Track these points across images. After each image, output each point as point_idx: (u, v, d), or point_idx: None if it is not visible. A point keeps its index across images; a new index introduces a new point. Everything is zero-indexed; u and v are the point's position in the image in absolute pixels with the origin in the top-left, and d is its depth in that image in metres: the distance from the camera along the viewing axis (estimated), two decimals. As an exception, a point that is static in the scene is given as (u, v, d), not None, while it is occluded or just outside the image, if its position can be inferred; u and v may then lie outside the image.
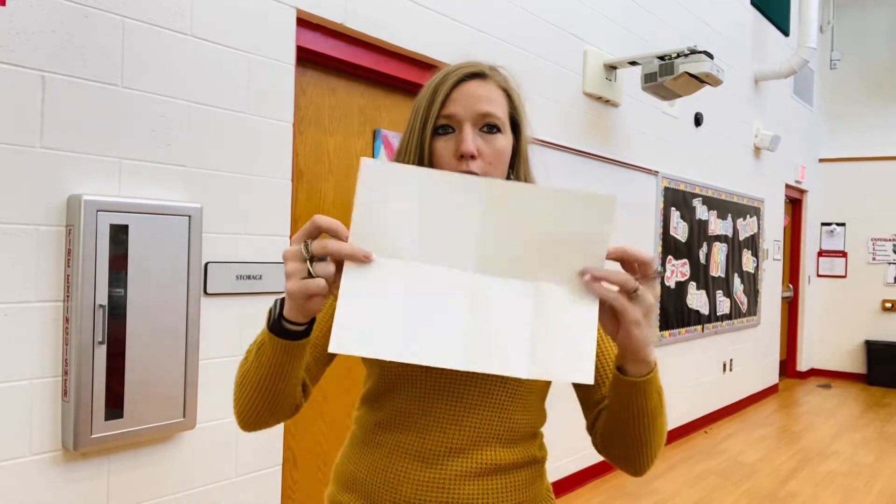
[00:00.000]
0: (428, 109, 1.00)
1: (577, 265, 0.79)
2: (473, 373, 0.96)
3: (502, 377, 0.98)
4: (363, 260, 0.79)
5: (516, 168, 1.06)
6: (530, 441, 1.03)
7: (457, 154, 0.97)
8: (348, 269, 0.78)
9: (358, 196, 0.78)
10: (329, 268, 0.79)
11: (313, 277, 0.79)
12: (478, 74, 1.02)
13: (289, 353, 0.88)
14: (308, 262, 0.79)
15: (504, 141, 1.01)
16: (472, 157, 0.97)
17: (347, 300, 0.78)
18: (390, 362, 0.98)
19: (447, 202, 0.79)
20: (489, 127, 0.99)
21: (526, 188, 0.80)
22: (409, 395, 0.99)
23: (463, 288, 0.79)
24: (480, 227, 0.79)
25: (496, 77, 1.03)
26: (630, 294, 0.81)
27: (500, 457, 0.98)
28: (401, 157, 1.03)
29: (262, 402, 0.92)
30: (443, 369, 0.97)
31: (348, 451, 1.07)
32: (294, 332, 0.86)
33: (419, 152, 1.00)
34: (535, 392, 1.03)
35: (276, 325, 0.86)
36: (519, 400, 1.01)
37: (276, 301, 0.88)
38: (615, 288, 0.81)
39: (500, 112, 1.01)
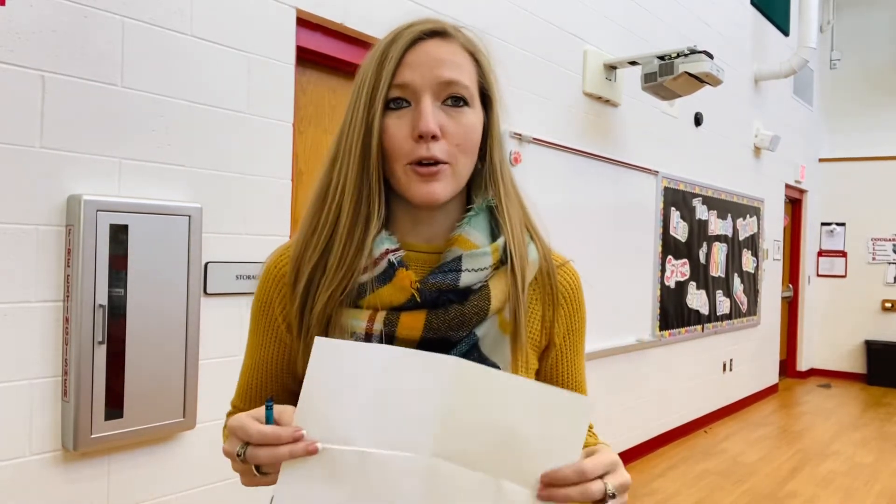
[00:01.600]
0: (376, 78, 0.80)
1: (543, 468, 0.70)
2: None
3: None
4: (306, 454, 0.69)
5: (489, 152, 0.87)
6: None
7: (414, 134, 0.78)
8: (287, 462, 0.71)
9: (308, 376, 0.70)
10: (273, 467, 0.71)
11: (262, 473, 0.72)
12: (438, 33, 0.82)
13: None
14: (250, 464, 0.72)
15: (473, 117, 0.82)
16: (434, 137, 0.78)
17: (286, 497, 0.71)
18: None
19: (407, 383, 0.71)
20: (454, 99, 0.80)
21: (498, 376, 0.72)
22: None
23: (416, 474, 0.70)
24: (443, 411, 0.70)
25: (461, 38, 0.84)
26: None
27: None
28: (342, 140, 0.83)
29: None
30: None
31: None
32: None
33: (365, 133, 0.80)
34: None
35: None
36: None
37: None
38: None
39: (468, 80, 0.82)
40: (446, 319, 0.80)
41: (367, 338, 0.80)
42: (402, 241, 0.85)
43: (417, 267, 0.84)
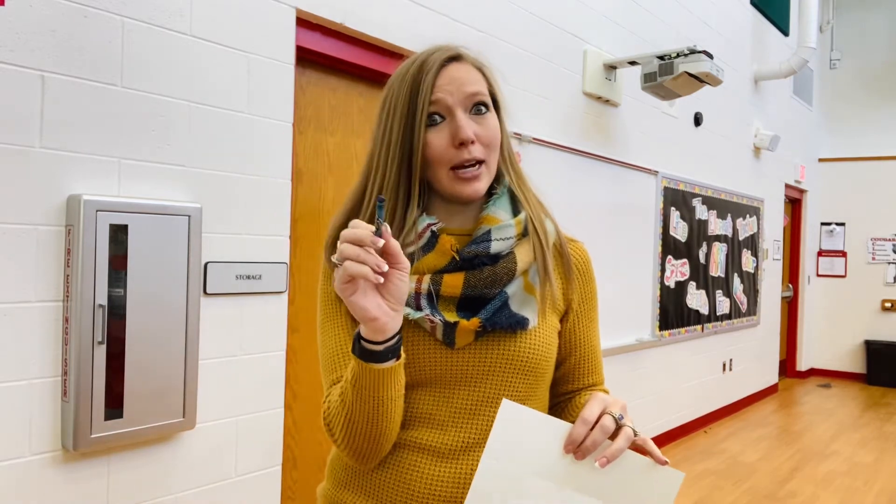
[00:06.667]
0: (414, 101, 0.96)
1: None
2: (492, 365, 0.97)
3: (521, 368, 0.98)
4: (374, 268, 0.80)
5: (501, 145, 1.04)
6: None
7: (455, 142, 0.95)
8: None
9: (493, 435, 0.86)
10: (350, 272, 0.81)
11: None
12: (454, 57, 1.00)
13: (382, 380, 0.87)
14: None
15: (494, 120, 1.00)
16: (473, 142, 0.96)
17: None
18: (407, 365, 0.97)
19: (548, 445, 0.88)
20: (477, 107, 0.98)
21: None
22: (425, 391, 0.96)
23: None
24: (568, 469, 0.88)
25: (469, 58, 1.02)
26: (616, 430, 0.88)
27: None
28: (377, 156, 0.99)
29: (379, 433, 0.91)
30: (460, 364, 0.96)
31: None
32: (379, 353, 0.86)
33: (409, 148, 0.96)
34: (546, 377, 1.04)
35: (360, 348, 0.87)
36: (534, 388, 1.01)
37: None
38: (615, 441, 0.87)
39: (484, 90, 0.99)
40: (481, 278, 0.96)
41: (416, 296, 0.95)
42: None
43: (455, 242, 1.00)
